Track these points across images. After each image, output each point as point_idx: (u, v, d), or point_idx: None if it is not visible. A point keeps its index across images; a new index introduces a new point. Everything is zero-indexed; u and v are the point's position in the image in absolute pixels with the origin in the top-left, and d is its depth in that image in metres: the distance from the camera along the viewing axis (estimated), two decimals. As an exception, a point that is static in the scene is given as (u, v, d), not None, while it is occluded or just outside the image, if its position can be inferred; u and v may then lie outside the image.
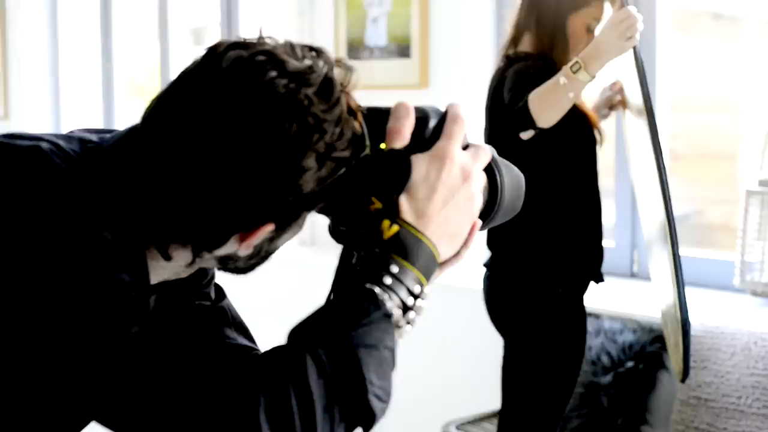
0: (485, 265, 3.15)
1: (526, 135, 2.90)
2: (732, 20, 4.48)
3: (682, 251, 4.05)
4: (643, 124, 2.95)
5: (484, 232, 3.05)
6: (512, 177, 1.44)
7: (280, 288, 4.44)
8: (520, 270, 3.06)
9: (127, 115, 6.13)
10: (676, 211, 4.46)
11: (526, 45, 3.11)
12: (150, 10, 5.89)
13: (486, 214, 1.41)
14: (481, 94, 3.28)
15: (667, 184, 2.86)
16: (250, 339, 1.51)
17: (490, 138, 3.09)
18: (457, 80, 4.35)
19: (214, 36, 5.82)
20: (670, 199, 2.85)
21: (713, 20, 4.70)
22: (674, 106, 4.49)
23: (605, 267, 3.99)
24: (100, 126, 3.59)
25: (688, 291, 3.76)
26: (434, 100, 4.37)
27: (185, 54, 5.76)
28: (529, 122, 2.80)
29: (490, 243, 3.14)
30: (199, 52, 1.31)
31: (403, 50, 4.50)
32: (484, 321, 3.21)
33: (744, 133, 4.26)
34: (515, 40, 3.14)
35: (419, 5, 4.43)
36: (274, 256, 1.40)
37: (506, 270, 3.09)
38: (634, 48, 2.88)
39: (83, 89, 6.30)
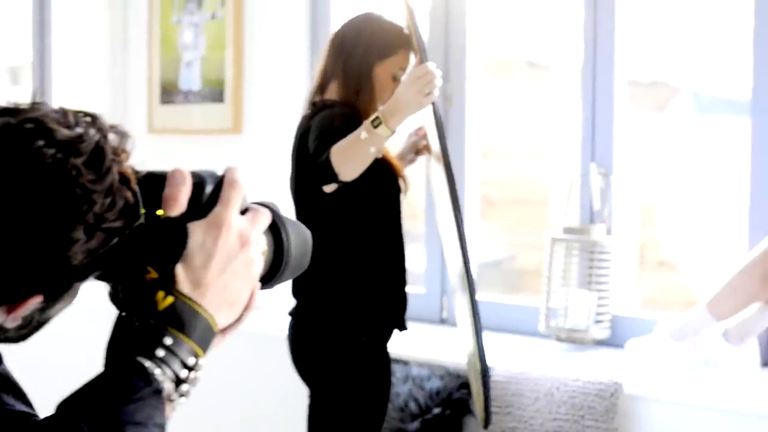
0: (290, 313, 3.14)
1: (329, 188, 2.90)
2: (546, 68, 4.57)
3: (492, 297, 4.14)
4: (442, 174, 2.99)
5: (289, 281, 3.04)
6: (298, 234, 1.43)
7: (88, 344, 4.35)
8: (324, 318, 3.06)
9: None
10: (489, 257, 4.54)
11: (332, 93, 3.12)
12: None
13: (272, 274, 1.40)
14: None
15: (464, 234, 2.91)
16: (28, 404, 1.46)
17: (296, 186, 3.08)
18: (271, 126, 4.35)
19: (29, 75, 5.70)
20: (467, 248, 2.90)
21: (529, 68, 4.80)
22: (488, 153, 4.55)
23: (415, 313, 4.02)
24: None
25: (496, 337, 3.84)
26: (247, 145, 4.40)
27: (1, 93, 5.62)
28: (332, 176, 2.81)
29: (295, 292, 3.13)
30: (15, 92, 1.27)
31: (216, 95, 4.48)
32: (290, 369, 3.20)
33: (554, 180, 4.35)
34: (322, 87, 3.16)
35: (234, 50, 4.41)
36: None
37: (310, 318, 3.08)
38: (433, 103, 2.92)
39: None
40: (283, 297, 3.18)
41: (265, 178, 4.28)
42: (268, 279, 1.39)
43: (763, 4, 3.46)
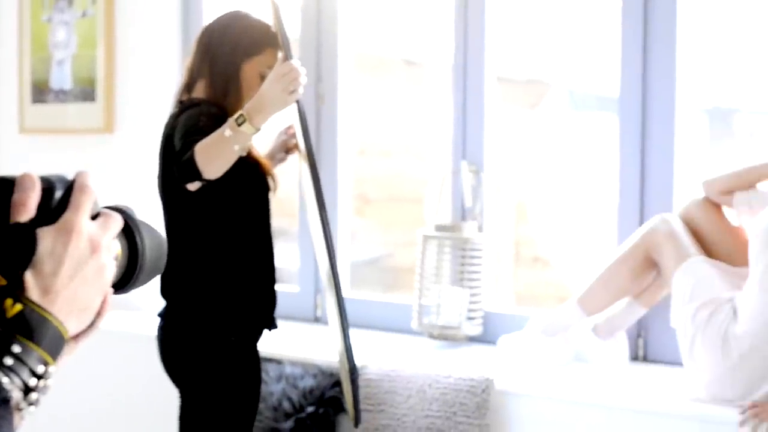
0: (159, 314, 3.11)
1: (193, 186, 2.88)
2: (422, 66, 4.59)
3: (368, 294, 4.14)
4: (308, 173, 2.99)
5: (158, 282, 3.01)
6: (153, 238, 1.41)
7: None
8: (193, 319, 3.03)
9: None
10: (367, 255, 4.53)
11: (200, 91, 3.10)
12: None
13: (127, 279, 1.38)
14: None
15: (329, 233, 2.91)
16: None
17: (164, 185, 3.05)
18: (143, 125, 4.30)
19: None
20: (333, 247, 2.90)
21: (406, 66, 4.81)
22: (365, 151, 4.56)
23: (289, 311, 4.01)
24: None
25: (370, 335, 3.85)
26: (120, 145, 4.35)
27: None
28: (195, 174, 2.79)
29: (164, 292, 3.10)
30: None
31: (88, 94, 4.42)
32: (161, 370, 3.17)
33: (430, 177, 4.37)
34: (189, 86, 3.13)
35: (105, 48, 4.36)
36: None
37: (179, 319, 3.05)
38: (297, 101, 2.91)
39: None
40: (153, 298, 3.15)
41: (137, 177, 4.23)
42: (122, 284, 1.37)
43: (629, 3, 3.52)
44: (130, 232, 1.37)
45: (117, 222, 1.35)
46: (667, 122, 3.49)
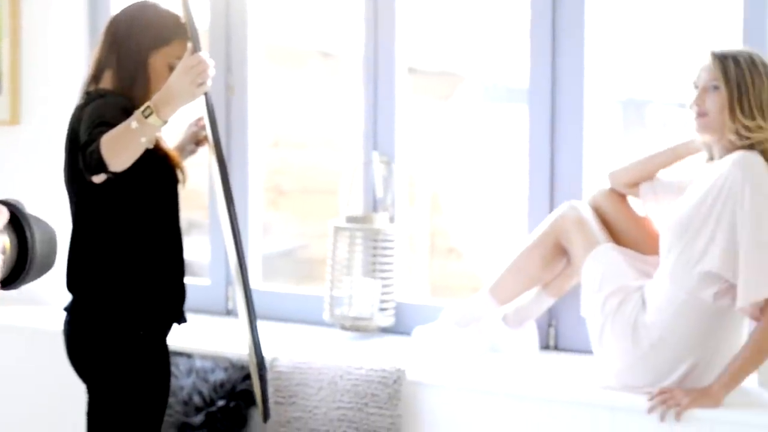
0: (66, 308, 3.06)
1: (98, 179, 2.83)
2: (337, 58, 4.58)
3: (281, 286, 4.12)
4: (216, 166, 2.96)
5: (64, 275, 2.96)
6: (43, 233, 1.38)
7: None
8: (101, 313, 2.99)
9: None
10: (281, 246, 4.51)
11: (107, 82, 3.05)
12: None
13: (17, 274, 1.35)
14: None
15: (237, 225, 2.89)
16: None
17: (70, 177, 3.00)
18: (50, 117, 4.24)
19: None
20: (240, 239, 2.88)
21: (322, 58, 4.79)
22: (280, 143, 4.53)
23: (200, 305, 3.98)
24: None
25: (282, 327, 3.83)
26: (26, 137, 4.28)
27: None
28: (101, 166, 2.74)
29: (70, 286, 3.05)
30: None
31: (-7, 85, 4.35)
32: (68, 365, 3.12)
33: (344, 169, 4.37)
34: (96, 76, 3.07)
35: (10, 39, 4.28)
36: None
37: (86, 313, 3.01)
38: (206, 93, 2.88)
39: None
40: (59, 292, 3.11)
41: (43, 170, 4.18)
42: (12, 279, 1.34)
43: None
44: (19, 226, 1.35)
45: (2, 216, 1.32)
46: (576, 112, 3.51)
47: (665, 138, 3.25)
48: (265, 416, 2.95)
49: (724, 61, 2.97)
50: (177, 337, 3.18)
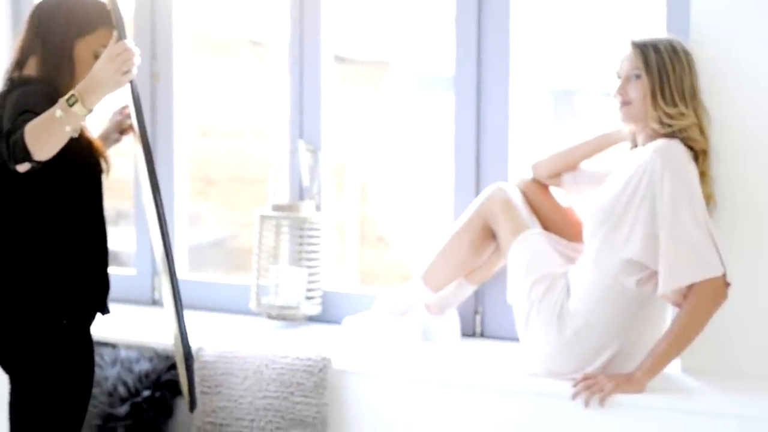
0: (-13, 298, 3.02)
1: (22, 168, 2.80)
2: (268, 47, 4.56)
3: (211, 276, 4.10)
4: (141, 155, 2.94)
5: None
6: None
7: None
8: (23, 303, 2.95)
9: None
10: (211, 236, 4.48)
11: (31, 69, 3.01)
12: None
13: None
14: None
15: (163, 214, 2.87)
16: None
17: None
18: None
19: None
20: (166, 229, 2.87)
21: (252, 47, 4.77)
22: (209, 132, 4.51)
23: (125, 295, 3.95)
24: None
25: (209, 316, 3.81)
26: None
27: None
28: (25, 155, 2.71)
29: (-7, 275, 3.01)
30: None
31: None
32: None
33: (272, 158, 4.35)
34: (21, 63, 3.04)
35: (-68, 26, 4.23)
36: None
37: (9, 303, 2.97)
38: (131, 82, 2.86)
39: None
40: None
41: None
42: None
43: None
44: None
45: None
46: (501, 99, 3.53)
47: (594, 127, 3.27)
48: (192, 405, 2.94)
49: (645, 49, 2.99)
50: (102, 327, 3.16)
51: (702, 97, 3.01)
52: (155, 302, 4.11)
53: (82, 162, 3.00)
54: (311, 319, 3.77)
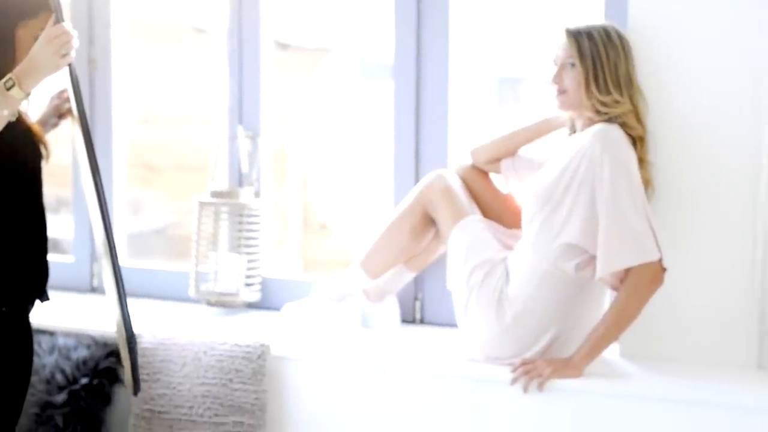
0: None
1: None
2: (211, 34, 4.54)
3: (148, 263, 4.08)
4: (81, 140, 2.91)
5: None
6: None
7: None
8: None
9: None
10: (154, 224, 4.45)
11: (-29, 55, 2.98)
12: None
13: None
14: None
15: (104, 201, 2.85)
16: None
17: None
18: None
19: None
20: (107, 215, 2.85)
21: (195, 33, 4.74)
22: (151, 119, 4.48)
23: (64, 282, 3.92)
24: None
25: (149, 303, 3.79)
26: None
27: None
28: None
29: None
30: None
31: None
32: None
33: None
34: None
35: None
36: None
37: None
38: (70, 65, 2.83)
39: None
40: None
41: None
42: None
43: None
44: None
45: None
46: (441, 87, 3.53)
47: (538, 114, 3.28)
48: (135, 390, 2.92)
49: (579, 37, 3.00)
50: (39, 315, 3.13)
51: (639, 84, 3.03)
52: (94, 289, 4.08)
53: (20, 147, 2.97)
54: (250, 305, 3.76)
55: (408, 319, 3.60)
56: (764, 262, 3.01)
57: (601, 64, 2.97)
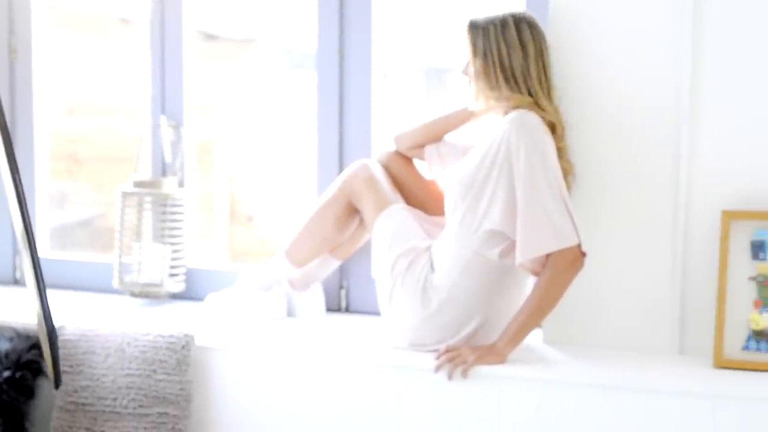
0: None
1: None
2: (136, 24, 4.50)
3: (70, 255, 4.04)
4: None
5: None
6: None
7: None
8: None
9: None
10: (79, 216, 4.41)
11: None
12: None
13: None
14: None
15: (22, 192, 2.82)
16: None
17: None
18: None
19: None
20: (25, 207, 2.82)
21: (121, 24, 4.70)
22: (76, 110, 4.43)
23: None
24: None
25: (72, 295, 3.75)
26: None
27: None
28: None
29: None
30: None
31: None
32: None
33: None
34: None
35: None
36: None
37: None
38: None
39: None
40: None
41: None
42: None
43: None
44: None
45: None
46: (364, 77, 3.54)
47: (463, 102, 3.29)
48: (57, 384, 2.90)
49: (474, 32, 3.02)
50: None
51: (550, 74, 3.03)
52: (17, 281, 4.04)
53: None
54: (175, 296, 3.75)
55: (333, 307, 3.60)
56: (684, 250, 3.04)
57: (493, 60, 2.98)
